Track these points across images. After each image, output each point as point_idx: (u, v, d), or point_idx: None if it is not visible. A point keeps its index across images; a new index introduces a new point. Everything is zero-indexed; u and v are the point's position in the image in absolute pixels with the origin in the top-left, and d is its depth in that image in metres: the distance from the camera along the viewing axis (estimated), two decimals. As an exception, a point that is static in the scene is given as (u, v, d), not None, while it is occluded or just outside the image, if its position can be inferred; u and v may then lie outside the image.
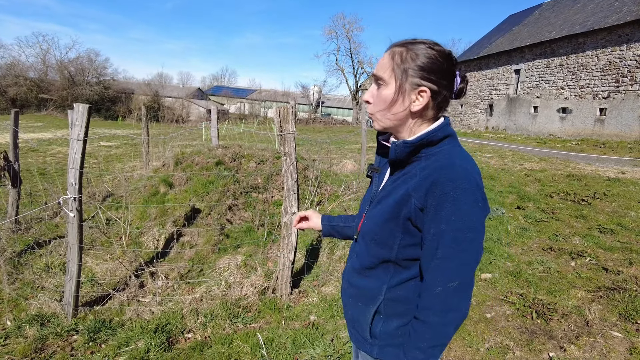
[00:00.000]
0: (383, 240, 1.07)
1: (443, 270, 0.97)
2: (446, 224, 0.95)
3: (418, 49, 1.02)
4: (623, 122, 16.05)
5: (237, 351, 2.62)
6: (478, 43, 29.36)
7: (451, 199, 0.94)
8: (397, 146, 1.04)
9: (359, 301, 1.15)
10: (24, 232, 4.59)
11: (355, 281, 1.17)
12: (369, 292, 1.13)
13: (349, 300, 1.21)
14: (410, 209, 1.00)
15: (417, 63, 1.01)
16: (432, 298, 0.99)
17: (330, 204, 5.59)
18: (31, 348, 2.58)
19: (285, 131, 3.12)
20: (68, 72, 37.51)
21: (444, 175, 0.95)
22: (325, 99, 52.79)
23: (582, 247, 4.33)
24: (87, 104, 2.72)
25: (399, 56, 1.03)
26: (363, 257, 1.14)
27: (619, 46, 16.32)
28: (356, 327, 1.18)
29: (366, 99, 1.09)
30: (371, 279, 1.12)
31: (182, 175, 5.61)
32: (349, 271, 1.22)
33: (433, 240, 0.97)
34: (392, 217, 1.03)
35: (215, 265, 3.95)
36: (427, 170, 1.00)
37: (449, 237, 0.95)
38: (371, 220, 1.11)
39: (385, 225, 1.05)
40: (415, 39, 1.05)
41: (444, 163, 0.99)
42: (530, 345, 2.66)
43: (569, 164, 9.97)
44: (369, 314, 1.12)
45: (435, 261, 0.98)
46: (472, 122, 26.93)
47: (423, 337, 1.00)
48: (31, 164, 9.03)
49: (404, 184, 1.04)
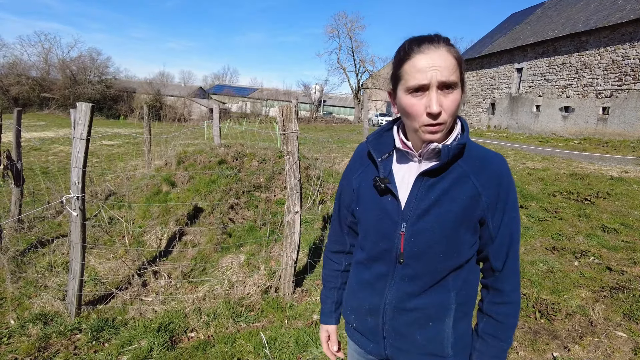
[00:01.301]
0: (453, 249, 1.01)
1: (516, 251, 1.08)
2: (514, 211, 1.04)
3: (452, 47, 0.98)
4: (626, 120, 15.99)
5: (240, 350, 2.62)
6: (480, 42, 29.27)
7: (513, 188, 1.04)
8: (452, 148, 0.98)
9: (430, 321, 1.05)
10: (27, 231, 4.60)
11: (414, 304, 1.05)
12: (439, 307, 1.05)
13: (411, 328, 1.06)
14: (483, 208, 1.01)
15: (459, 60, 0.97)
16: (517, 278, 1.08)
17: (332, 203, 5.59)
18: (34, 347, 2.58)
19: (288, 130, 3.11)
20: (70, 71, 37.58)
21: (504, 168, 1.03)
22: (327, 98, 52.77)
23: (585, 246, 4.31)
24: (90, 103, 2.72)
25: (458, 57, 0.97)
26: (424, 277, 1.03)
27: (622, 45, 16.25)
28: (429, 349, 1.07)
29: (437, 112, 0.93)
30: (436, 292, 1.04)
31: (184, 174, 5.61)
32: (398, 299, 1.06)
33: (506, 228, 1.04)
34: (463, 221, 1.00)
35: (218, 264, 3.95)
36: (484, 166, 1.02)
37: (516, 221, 1.05)
38: (428, 235, 1.00)
39: (456, 233, 1.00)
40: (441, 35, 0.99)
41: (489, 154, 1.05)
42: (534, 345, 2.65)
43: (571, 163, 9.94)
44: (448, 328, 1.05)
45: (512, 246, 1.06)
46: (474, 121, 26.87)
47: (515, 316, 1.09)
48: (34, 162, 9.05)
49: (456, 186, 1.00)
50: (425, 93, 0.94)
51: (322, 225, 4.93)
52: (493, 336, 1.09)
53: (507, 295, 1.08)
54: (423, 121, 0.96)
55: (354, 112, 42.21)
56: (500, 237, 1.04)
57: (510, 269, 1.07)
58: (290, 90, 55.54)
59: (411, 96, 0.96)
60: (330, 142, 10.28)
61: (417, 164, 1.06)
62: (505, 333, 1.09)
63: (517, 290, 1.09)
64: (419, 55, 0.94)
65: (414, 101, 0.95)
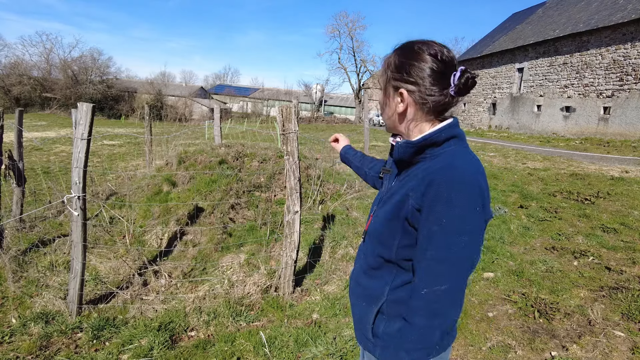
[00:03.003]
0: (385, 240, 1.08)
1: (431, 272, 0.95)
2: (438, 225, 0.92)
3: (400, 51, 1.06)
4: (627, 120, 15.96)
5: (240, 349, 2.63)
6: (481, 41, 29.25)
7: (444, 200, 0.91)
8: (400, 146, 1.06)
9: (364, 301, 1.17)
10: (29, 231, 4.62)
11: (362, 281, 1.19)
12: (372, 292, 1.14)
13: (356, 300, 1.22)
14: (408, 209, 1.00)
15: (394, 65, 1.06)
16: (419, 300, 0.97)
17: (332, 203, 5.60)
18: (36, 345, 2.60)
19: (287, 130, 3.13)
20: (71, 71, 37.68)
21: (441, 176, 0.94)
22: (328, 98, 52.77)
23: (585, 246, 4.32)
24: (91, 103, 2.74)
25: (386, 62, 1.09)
26: (369, 257, 1.16)
27: (623, 44, 16.22)
28: (360, 327, 1.20)
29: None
30: (376, 279, 1.14)
31: (185, 174, 5.63)
32: (357, 271, 1.24)
33: (424, 240, 0.95)
34: (393, 217, 1.04)
35: (219, 263, 3.97)
36: (427, 170, 0.99)
37: (440, 239, 0.92)
38: (377, 221, 1.13)
39: (388, 225, 1.06)
40: (406, 42, 1.08)
41: (444, 164, 0.97)
42: (532, 344, 2.66)
43: (572, 163, 9.93)
44: (372, 314, 1.13)
45: (424, 262, 0.96)
46: (475, 121, 26.85)
47: (409, 338, 0.99)
48: (35, 162, 9.08)
49: (405, 184, 1.05)
50: None
51: (322, 225, 4.94)
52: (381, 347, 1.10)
53: (407, 311, 1.01)
54: None
55: (355, 112, 42.20)
56: (418, 248, 0.99)
57: (415, 285, 0.99)
58: (291, 90, 55.55)
59: None
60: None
61: None
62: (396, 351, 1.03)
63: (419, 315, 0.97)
64: None
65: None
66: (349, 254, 4.12)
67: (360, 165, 1.61)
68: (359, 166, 1.61)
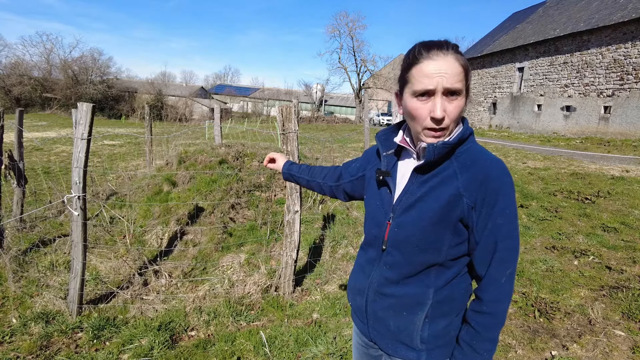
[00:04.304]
0: (430, 245, 1.04)
1: (503, 261, 1.02)
2: (502, 218, 0.99)
3: (459, 51, 1.02)
4: (628, 120, 15.94)
5: (240, 349, 2.63)
6: (481, 41, 29.23)
7: (503, 193, 0.99)
8: (437, 148, 1.00)
9: (404, 310, 1.10)
10: (29, 231, 4.62)
11: (392, 291, 1.11)
12: (413, 299, 1.09)
13: (386, 313, 1.13)
14: (463, 209, 1.00)
15: (467, 65, 1.01)
16: (498, 289, 1.03)
17: (333, 202, 5.60)
18: (36, 345, 2.60)
19: (287, 130, 3.13)
20: (72, 71, 37.70)
21: (494, 172, 1.00)
22: (328, 97, 52.74)
23: (585, 245, 4.32)
24: (91, 103, 2.74)
25: (465, 64, 1.00)
26: (402, 267, 1.09)
27: (623, 44, 16.19)
28: (400, 338, 1.12)
29: (440, 117, 0.97)
30: (413, 285, 1.09)
31: (185, 174, 5.63)
32: (378, 283, 1.14)
33: (491, 234, 1.01)
34: (441, 219, 1.02)
35: (219, 263, 3.97)
36: (471, 168, 1.01)
37: (505, 230, 1.00)
38: (408, 228, 1.06)
39: (433, 230, 1.03)
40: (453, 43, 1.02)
41: (486, 160, 1.02)
42: (532, 343, 2.66)
43: (572, 163, 9.92)
44: (419, 321, 1.08)
45: (496, 254, 1.02)
46: (476, 121, 26.84)
47: (494, 328, 1.04)
48: (35, 162, 9.09)
49: (442, 185, 1.03)
50: (431, 98, 0.99)
51: (322, 224, 4.94)
52: (469, 345, 1.07)
53: (486, 305, 1.04)
54: (426, 125, 1.01)
55: (355, 112, 42.18)
56: (484, 243, 1.02)
57: (492, 278, 1.03)
58: (292, 89, 55.57)
59: (417, 100, 1.00)
60: (331, 142, 10.29)
61: (415, 161, 1.11)
62: (481, 344, 1.05)
63: (500, 302, 1.04)
64: (427, 61, 0.98)
65: (419, 105, 1.00)
66: (349, 254, 4.12)
67: (310, 179, 1.55)
68: (310, 180, 1.55)
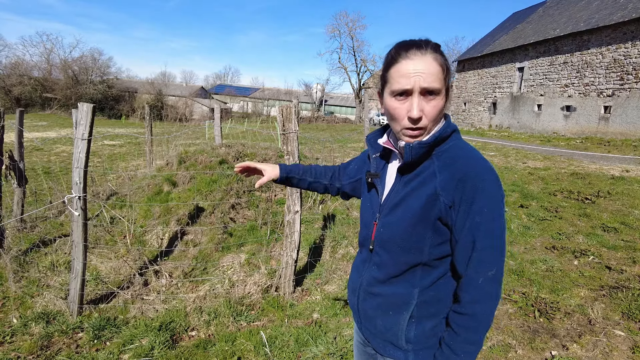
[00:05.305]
0: (412, 244, 1.04)
1: (482, 262, 0.99)
2: (480, 216, 0.97)
3: (440, 50, 1.02)
4: (628, 120, 15.94)
5: (240, 349, 2.64)
6: (481, 41, 29.21)
7: (481, 191, 0.96)
8: (413, 148, 1.01)
9: (390, 310, 1.11)
10: (30, 231, 4.63)
11: (380, 290, 1.12)
12: (400, 299, 1.09)
13: (375, 312, 1.14)
14: (440, 208, 1.00)
15: (447, 64, 1.01)
16: (476, 290, 1.00)
17: (333, 202, 5.60)
18: (37, 345, 2.61)
19: (288, 130, 3.13)
20: (72, 71, 37.71)
21: (472, 170, 0.98)
22: (328, 97, 52.78)
23: (585, 245, 4.32)
24: (91, 104, 2.74)
25: (444, 64, 0.99)
26: (388, 266, 1.10)
27: (624, 44, 16.19)
28: (387, 337, 1.13)
29: (417, 117, 0.98)
30: (400, 284, 1.09)
31: (185, 174, 5.63)
32: (367, 282, 1.16)
33: (469, 233, 0.98)
34: (421, 219, 1.02)
35: (219, 263, 3.97)
36: (450, 167, 1.00)
37: (484, 229, 0.97)
38: (392, 228, 1.07)
39: (414, 230, 1.03)
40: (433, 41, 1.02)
41: (465, 158, 1.00)
42: (532, 343, 2.66)
43: (572, 162, 9.93)
44: (404, 321, 1.09)
45: (474, 254, 0.99)
46: (476, 121, 26.83)
47: (474, 330, 1.01)
48: (36, 162, 9.09)
49: (422, 185, 1.03)
50: (408, 98, 1.00)
51: (322, 224, 4.94)
52: (447, 346, 1.05)
53: (464, 306, 1.02)
54: (404, 124, 1.02)
55: (356, 112, 42.18)
56: (462, 242, 1.00)
57: (470, 278, 1.01)
58: (292, 89, 55.59)
59: (395, 99, 1.01)
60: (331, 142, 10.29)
61: (399, 162, 1.12)
62: (460, 346, 1.02)
63: (479, 303, 1.00)
64: (405, 61, 0.98)
65: (397, 104, 1.01)
66: (349, 254, 4.12)
67: (313, 180, 1.48)
68: (312, 181, 1.48)
